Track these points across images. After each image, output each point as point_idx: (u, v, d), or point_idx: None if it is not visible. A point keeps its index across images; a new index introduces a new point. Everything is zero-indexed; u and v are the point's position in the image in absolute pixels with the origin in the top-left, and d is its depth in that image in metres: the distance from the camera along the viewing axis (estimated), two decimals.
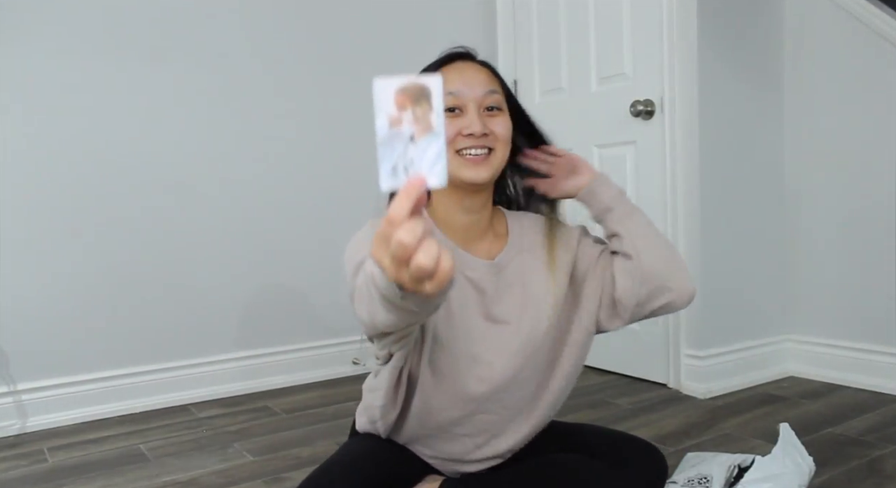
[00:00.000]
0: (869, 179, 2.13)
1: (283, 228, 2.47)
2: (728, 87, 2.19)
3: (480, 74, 1.14)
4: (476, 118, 1.09)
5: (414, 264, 0.58)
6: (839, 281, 2.23)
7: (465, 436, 1.18)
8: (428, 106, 0.58)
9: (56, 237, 2.12)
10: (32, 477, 1.71)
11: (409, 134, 0.58)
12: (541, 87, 2.70)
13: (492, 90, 1.13)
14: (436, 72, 1.14)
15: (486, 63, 1.19)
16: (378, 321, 0.83)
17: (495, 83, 1.15)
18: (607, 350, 2.45)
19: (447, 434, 1.18)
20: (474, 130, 1.08)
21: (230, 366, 2.39)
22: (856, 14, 2.12)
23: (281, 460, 1.75)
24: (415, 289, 0.63)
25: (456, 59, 1.17)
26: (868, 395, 2.08)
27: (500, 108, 1.14)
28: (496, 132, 1.11)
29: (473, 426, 1.17)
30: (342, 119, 2.55)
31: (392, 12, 2.64)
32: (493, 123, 1.12)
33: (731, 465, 1.39)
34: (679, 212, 2.20)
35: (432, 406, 1.14)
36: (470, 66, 1.15)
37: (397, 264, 0.60)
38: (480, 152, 1.10)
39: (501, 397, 1.15)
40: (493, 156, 1.11)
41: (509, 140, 1.14)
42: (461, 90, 1.11)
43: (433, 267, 0.59)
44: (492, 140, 1.11)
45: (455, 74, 1.13)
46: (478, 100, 1.11)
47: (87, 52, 2.14)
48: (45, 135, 2.10)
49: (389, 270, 0.62)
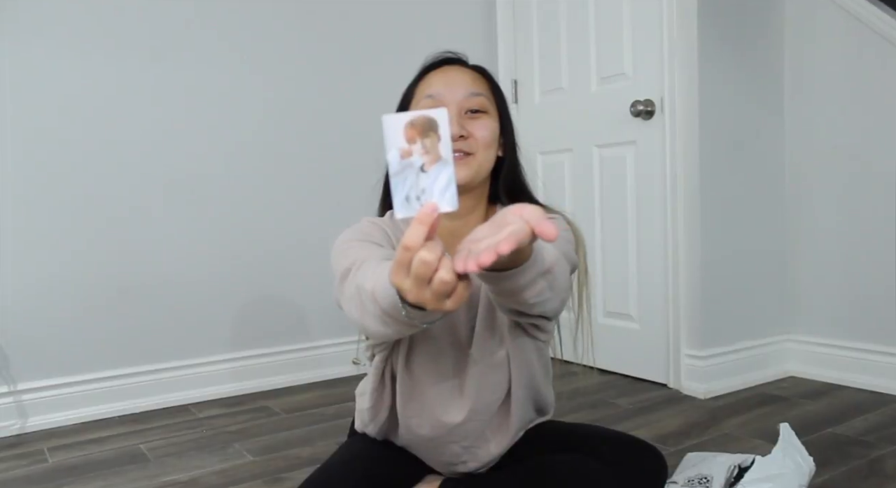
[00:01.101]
0: (869, 179, 2.13)
1: (282, 228, 2.47)
2: (728, 87, 2.19)
3: (464, 77, 1.13)
4: (455, 120, 1.07)
5: (437, 279, 0.63)
6: (839, 281, 2.23)
7: (451, 443, 1.18)
8: (436, 137, 0.63)
9: (56, 237, 2.12)
10: (32, 477, 1.71)
11: (420, 164, 0.63)
12: (541, 87, 2.70)
13: (475, 92, 1.11)
14: (423, 77, 1.15)
15: (478, 67, 1.18)
16: (370, 331, 0.86)
17: (481, 86, 1.13)
18: (607, 350, 2.45)
19: (432, 442, 1.19)
20: (451, 132, 1.07)
21: (230, 366, 2.39)
22: (856, 14, 2.12)
23: (281, 460, 1.75)
24: (436, 307, 0.66)
25: (443, 63, 1.16)
26: (868, 395, 2.08)
27: (485, 111, 1.11)
28: (476, 135, 1.09)
29: (458, 434, 1.17)
30: (341, 119, 2.55)
31: (392, 12, 2.64)
32: (474, 126, 1.09)
33: (732, 465, 1.39)
34: (679, 212, 2.19)
35: (411, 407, 1.16)
36: (455, 69, 1.14)
37: (419, 284, 0.64)
38: (456, 155, 1.07)
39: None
40: (471, 159, 1.09)
41: (492, 143, 1.12)
42: (441, 92, 1.10)
43: (454, 280, 0.63)
44: (471, 143, 1.09)
45: (438, 77, 1.13)
46: (459, 101, 1.09)
47: (88, 52, 2.14)
48: (45, 135, 2.10)
49: (411, 292, 0.66)
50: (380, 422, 1.21)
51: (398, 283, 0.68)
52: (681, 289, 2.21)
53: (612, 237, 2.44)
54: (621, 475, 1.18)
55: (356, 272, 0.93)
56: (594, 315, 2.46)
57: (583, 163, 2.52)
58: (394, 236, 1.13)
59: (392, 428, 1.22)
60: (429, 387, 1.15)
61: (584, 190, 2.52)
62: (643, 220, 2.32)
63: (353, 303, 0.90)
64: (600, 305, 2.49)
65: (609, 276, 2.46)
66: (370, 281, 0.84)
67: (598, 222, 2.48)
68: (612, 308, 2.46)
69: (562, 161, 2.60)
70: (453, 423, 1.15)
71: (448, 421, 1.15)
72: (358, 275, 0.91)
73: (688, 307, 2.20)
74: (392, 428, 1.22)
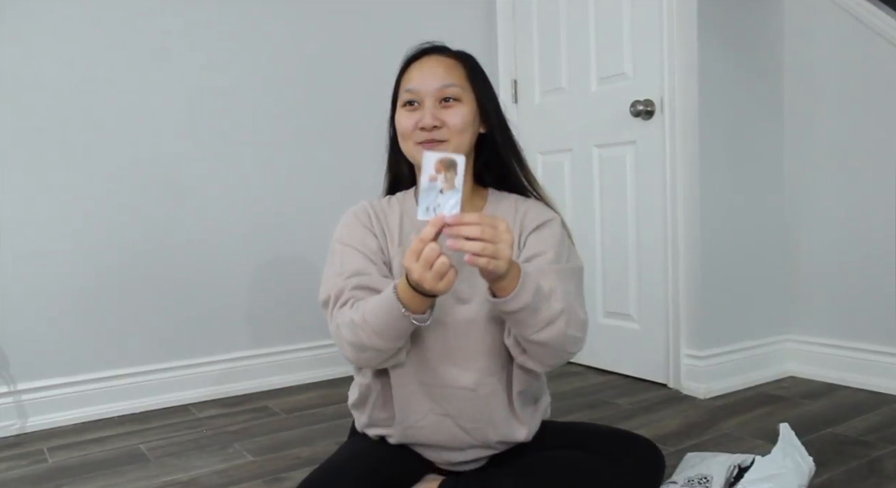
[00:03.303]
0: (869, 179, 2.13)
1: (282, 228, 2.47)
2: (728, 88, 2.19)
3: (439, 68, 1.20)
4: (428, 112, 1.17)
5: (439, 262, 0.94)
6: (839, 281, 2.23)
7: (445, 416, 1.20)
8: (454, 172, 0.96)
9: (55, 237, 2.12)
10: (32, 477, 1.71)
11: (440, 188, 0.96)
12: (541, 87, 2.70)
13: (447, 83, 1.19)
14: (405, 69, 1.24)
15: (456, 53, 1.25)
16: (364, 345, 1.09)
17: (455, 74, 1.20)
18: (607, 350, 2.45)
19: (431, 423, 1.20)
20: (424, 123, 1.16)
21: (230, 365, 2.39)
22: (856, 14, 2.12)
23: (281, 460, 1.75)
24: (432, 285, 0.96)
25: (422, 54, 1.24)
26: (868, 395, 2.08)
27: (458, 99, 1.19)
28: (448, 122, 1.17)
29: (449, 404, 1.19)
30: (342, 119, 2.55)
31: (392, 13, 2.64)
32: (447, 114, 1.18)
33: (731, 465, 1.39)
34: (679, 212, 2.19)
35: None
36: (431, 61, 1.22)
37: (425, 265, 0.95)
38: (429, 144, 1.17)
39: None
40: (445, 145, 1.17)
41: (466, 127, 1.19)
42: (417, 86, 1.19)
43: (449, 264, 0.95)
44: (444, 131, 1.17)
45: (415, 71, 1.22)
46: (434, 93, 1.18)
47: (88, 52, 2.14)
48: (45, 136, 2.10)
49: (418, 270, 0.95)
50: (376, 410, 1.25)
51: (409, 264, 0.96)
52: (681, 289, 2.21)
53: (612, 237, 2.44)
54: (620, 470, 1.18)
55: (356, 304, 1.11)
56: (594, 315, 2.45)
57: (583, 163, 2.52)
58: (383, 219, 1.26)
59: (389, 417, 1.23)
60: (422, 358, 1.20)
61: (583, 190, 2.52)
62: (643, 220, 2.32)
63: (348, 328, 1.09)
64: (600, 305, 2.49)
65: (609, 276, 2.46)
66: (371, 307, 1.07)
67: (598, 222, 2.48)
68: (612, 308, 2.46)
69: (561, 161, 2.60)
70: (454, 385, 1.18)
71: (449, 380, 1.18)
72: (358, 310, 1.09)
73: (688, 307, 2.20)
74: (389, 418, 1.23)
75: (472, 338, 1.18)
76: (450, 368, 1.18)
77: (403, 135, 1.21)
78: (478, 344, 1.18)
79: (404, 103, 1.21)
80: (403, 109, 1.21)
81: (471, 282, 1.17)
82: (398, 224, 1.25)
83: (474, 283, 1.16)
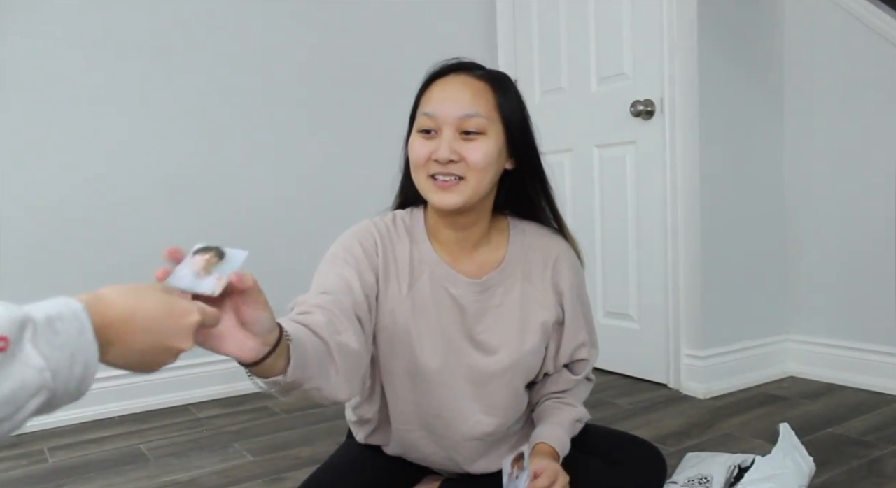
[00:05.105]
0: (869, 179, 2.13)
1: (282, 228, 2.47)
2: (728, 88, 2.19)
3: (464, 94, 1.05)
4: (445, 143, 1.03)
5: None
6: (839, 281, 2.23)
7: (449, 459, 1.19)
8: (522, 465, 1.06)
9: (55, 238, 2.11)
10: (32, 477, 1.71)
11: (521, 486, 1.06)
12: (541, 87, 2.70)
13: (471, 113, 1.04)
14: (427, 86, 1.10)
15: (487, 75, 1.09)
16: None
17: (482, 102, 1.05)
18: (607, 350, 2.45)
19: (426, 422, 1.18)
20: (439, 156, 1.03)
21: (230, 365, 2.38)
22: (856, 14, 2.12)
23: (281, 460, 1.75)
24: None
25: (448, 72, 1.09)
26: (868, 395, 2.08)
27: (482, 132, 1.04)
28: (468, 158, 1.03)
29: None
30: (342, 120, 2.55)
31: (392, 13, 2.64)
32: (467, 149, 1.03)
33: (732, 465, 1.39)
34: (679, 212, 2.19)
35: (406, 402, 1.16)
36: (456, 82, 1.07)
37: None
38: (448, 178, 1.04)
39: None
40: (464, 184, 1.04)
41: (489, 165, 1.05)
42: (436, 111, 1.05)
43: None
44: (462, 167, 1.04)
45: (437, 92, 1.07)
46: (454, 122, 1.04)
47: (89, 52, 2.14)
48: (46, 137, 2.10)
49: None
50: (371, 425, 1.21)
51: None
52: (681, 289, 2.21)
53: (612, 237, 2.44)
54: (620, 472, 1.18)
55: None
56: (594, 315, 2.45)
57: (583, 163, 2.52)
58: (389, 250, 1.12)
59: (386, 442, 1.22)
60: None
61: (584, 190, 2.52)
62: (643, 220, 2.32)
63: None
64: (600, 305, 2.49)
65: (609, 276, 2.46)
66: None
67: (598, 222, 2.48)
68: (612, 308, 2.46)
69: (562, 161, 2.59)
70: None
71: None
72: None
73: (688, 307, 2.20)
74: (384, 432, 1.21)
75: (496, 390, 1.14)
76: (463, 421, 1.14)
77: (415, 165, 1.07)
78: (499, 396, 1.15)
79: (420, 129, 1.07)
80: (419, 135, 1.07)
81: (492, 322, 1.14)
82: (408, 261, 1.13)
83: (498, 324, 1.14)
